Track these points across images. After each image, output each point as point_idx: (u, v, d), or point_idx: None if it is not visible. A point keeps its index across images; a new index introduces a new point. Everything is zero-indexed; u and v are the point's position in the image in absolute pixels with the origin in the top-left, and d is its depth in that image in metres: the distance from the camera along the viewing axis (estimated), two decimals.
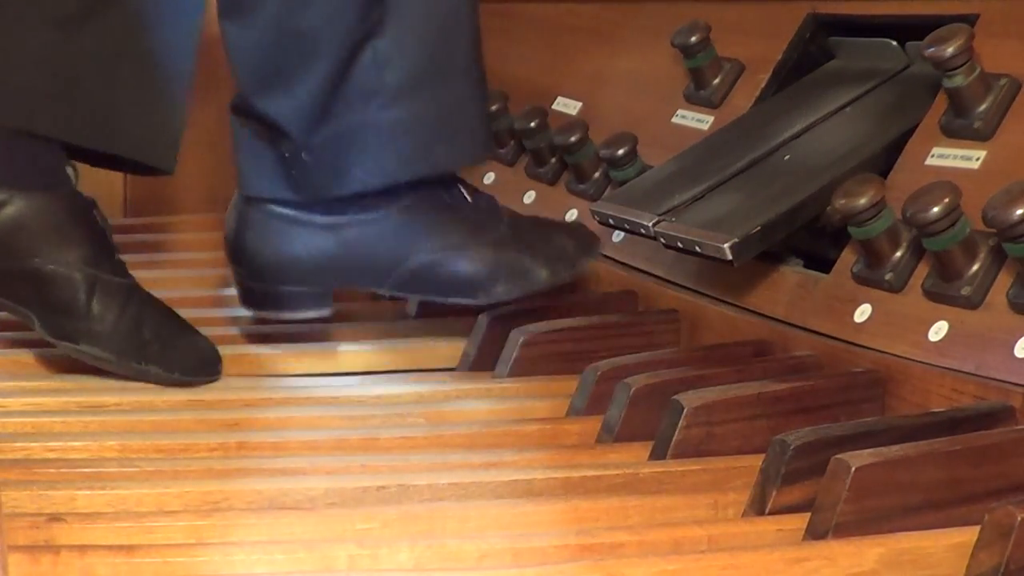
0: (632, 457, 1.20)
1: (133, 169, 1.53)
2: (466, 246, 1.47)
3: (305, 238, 1.46)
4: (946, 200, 1.21)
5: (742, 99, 1.61)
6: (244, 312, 1.59)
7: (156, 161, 1.48)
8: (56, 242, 1.36)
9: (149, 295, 1.42)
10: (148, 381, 1.37)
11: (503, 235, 1.49)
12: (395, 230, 1.46)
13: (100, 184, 1.60)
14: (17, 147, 1.40)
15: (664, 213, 1.43)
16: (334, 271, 1.47)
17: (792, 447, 1.07)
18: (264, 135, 1.47)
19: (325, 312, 1.49)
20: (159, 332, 1.38)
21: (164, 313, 1.42)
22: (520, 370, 1.42)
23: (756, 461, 1.10)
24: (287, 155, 1.45)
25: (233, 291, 1.67)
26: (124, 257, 1.45)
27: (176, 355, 1.39)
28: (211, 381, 1.40)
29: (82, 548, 0.95)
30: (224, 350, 1.47)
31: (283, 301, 1.49)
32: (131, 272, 1.43)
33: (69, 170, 1.42)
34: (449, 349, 1.52)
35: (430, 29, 1.46)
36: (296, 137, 1.45)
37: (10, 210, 1.36)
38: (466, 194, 1.51)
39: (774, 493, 1.07)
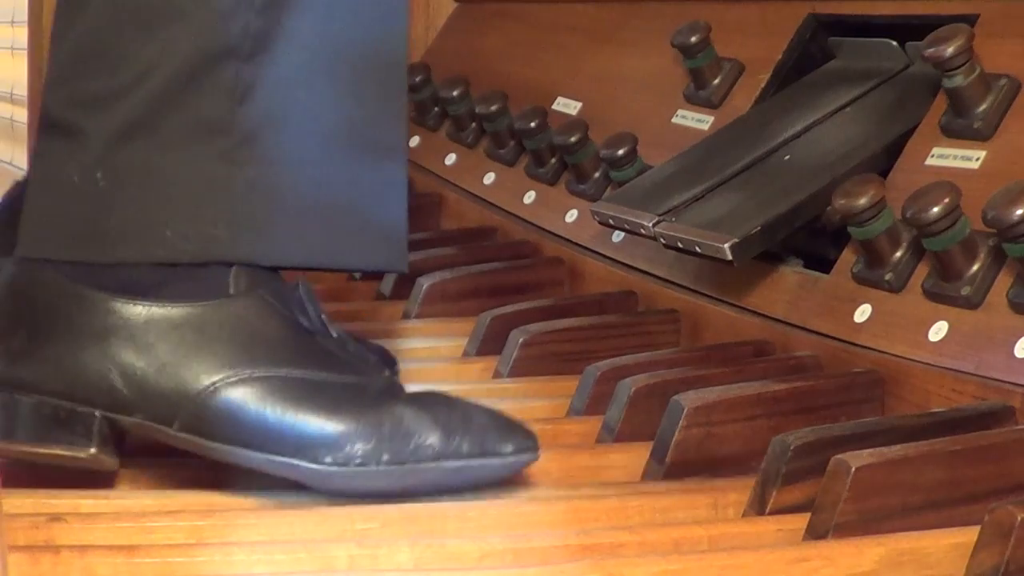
0: (632, 457, 1.20)
1: None
2: (312, 381, 1.03)
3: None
4: (946, 200, 1.21)
5: (742, 99, 1.61)
6: None
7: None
8: None
9: None
10: None
11: (374, 384, 1.08)
12: (203, 335, 1.02)
13: None
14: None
15: (664, 213, 1.43)
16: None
17: (792, 447, 1.07)
18: (59, 152, 1.04)
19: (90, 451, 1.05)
20: None
21: None
22: (520, 370, 1.42)
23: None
24: (76, 178, 1.03)
25: None
26: None
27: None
28: None
29: (82, 548, 0.95)
30: None
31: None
32: None
33: None
34: (449, 350, 1.52)
35: (328, 68, 1.08)
36: (95, 142, 1.03)
37: None
38: (329, 327, 1.09)
39: (774, 493, 1.07)
